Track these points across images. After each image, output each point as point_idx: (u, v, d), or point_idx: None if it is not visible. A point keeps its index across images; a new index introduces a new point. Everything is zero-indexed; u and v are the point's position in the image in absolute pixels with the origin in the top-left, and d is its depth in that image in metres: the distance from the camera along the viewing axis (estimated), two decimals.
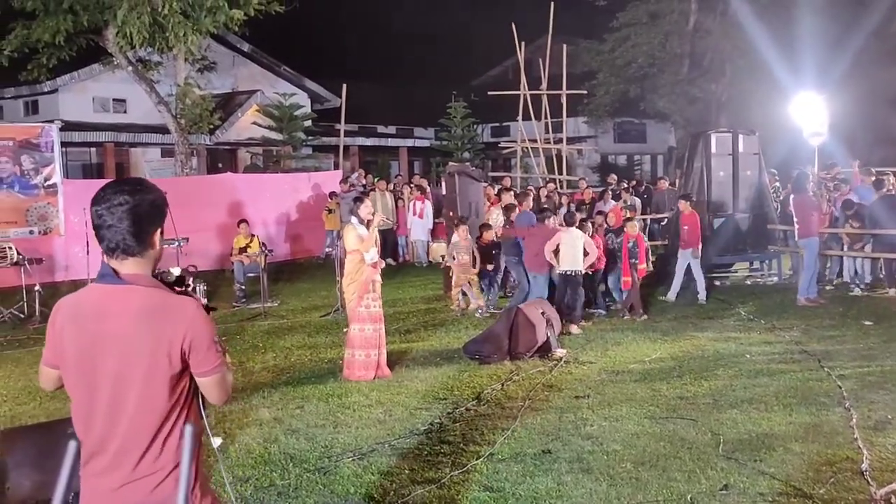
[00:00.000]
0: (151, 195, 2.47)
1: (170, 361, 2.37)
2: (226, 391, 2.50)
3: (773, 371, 7.59)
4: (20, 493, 4.55)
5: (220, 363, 2.45)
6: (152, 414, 2.39)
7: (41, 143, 13.57)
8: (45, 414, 6.86)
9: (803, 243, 11.09)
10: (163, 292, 2.45)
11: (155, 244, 2.49)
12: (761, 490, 4.80)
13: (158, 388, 2.38)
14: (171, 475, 2.40)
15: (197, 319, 2.42)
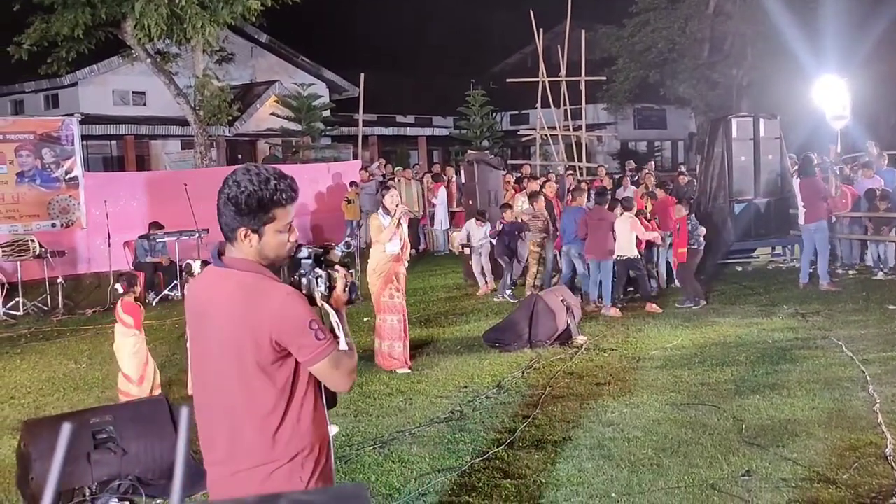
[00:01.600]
0: (231, 189, 2.32)
1: (258, 349, 2.29)
2: (342, 377, 2.38)
3: (796, 356, 7.52)
4: (44, 484, 4.60)
5: (320, 350, 2.32)
6: (254, 402, 2.33)
7: (62, 137, 13.67)
8: (68, 405, 6.94)
9: (813, 227, 10.95)
10: (256, 278, 2.36)
11: (239, 239, 2.38)
12: (784, 476, 4.77)
13: (254, 375, 2.31)
14: (285, 467, 2.33)
15: (283, 307, 2.31)
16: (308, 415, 2.39)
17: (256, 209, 2.32)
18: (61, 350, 9.18)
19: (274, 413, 2.34)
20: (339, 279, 2.52)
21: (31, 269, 11.72)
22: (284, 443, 2.35)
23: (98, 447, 4.74)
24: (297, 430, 2.37)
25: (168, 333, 9.81)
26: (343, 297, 2.52)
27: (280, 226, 2.37)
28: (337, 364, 2.34)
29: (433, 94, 32.82)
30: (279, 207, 2.35)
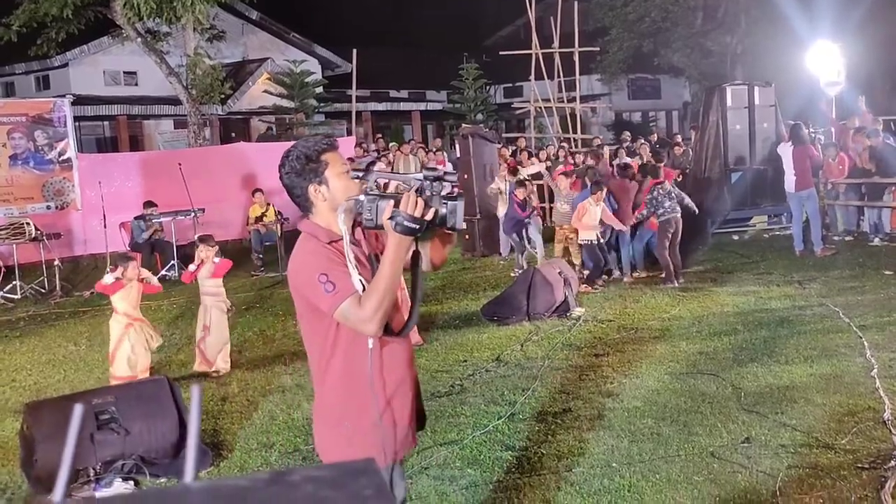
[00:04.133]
0: (284, 163, 2.51)
1: (299, 303, 2.52)
2: (358, 324, 2.38)
3: (794, 324, 7.56)
4: (48, 465, 4.63)
5: (330, 301, 2.38)
6: (311, 353, 2.58)
7: (54, 118, 13.59)
8: (69, 387, 6.97)
9: (805, 195, 10.96)
10: (302, 238, 2.54)
11: (314, 201, 2.51)
12: (783, 442, 4.81)
13: (305, 326, 2.58)
14: (331, 430, 2.54)
15: (298, 262, 2.51)
16: (341, 368, 2.50)
17: (308, 161, 2.48)
18: (60, 332, 9.19)
19: (322, 360, 2.53)
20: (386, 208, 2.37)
21: (27, 252, 11.70)
22: (326, 394, 2.54)
23: (101, 428, 4.77)
24: (335, 384, 2.51)
25: (166, 313, 9.83)
26: (388, 224, 2.37)
27: (337, 169, 2.50)
28: (347, 314, 2.38)
29: (426, 68, 32.59)
30: (327, 153, 2.50)
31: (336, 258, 2.43)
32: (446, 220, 2.39)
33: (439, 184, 2.38)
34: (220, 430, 5.67)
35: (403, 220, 2.32)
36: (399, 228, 2.33)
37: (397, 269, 2.38)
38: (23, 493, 4.74)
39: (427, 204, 2.34)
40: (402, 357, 2.58)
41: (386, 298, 2.36)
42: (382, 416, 2.49)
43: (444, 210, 2.37)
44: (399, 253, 2.37)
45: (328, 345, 2.49)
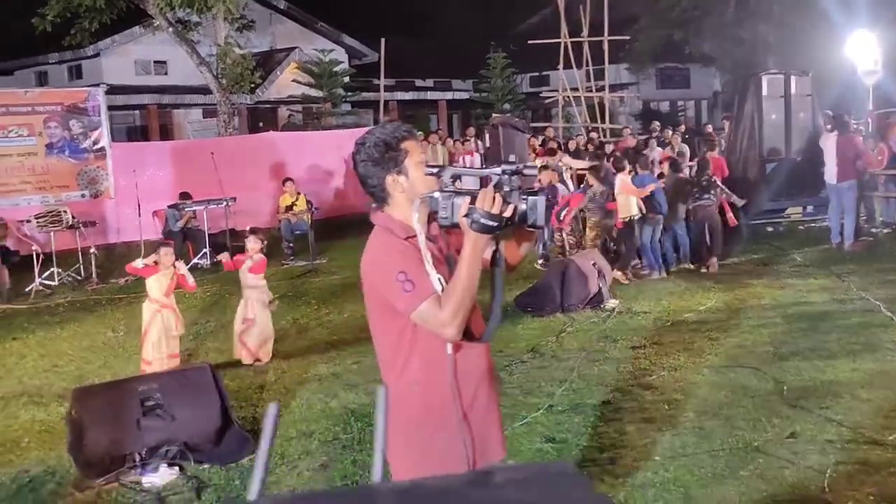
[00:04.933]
0: (360, 150, 2.39)
1: (370, 298, 2.41)
2: (437, 328, 2.26)
3: (834, 317, 7.47)
4: (96, 450, 4.70)
5: (407, 301, 2.26)
6: (383, 353, 2.46)
7: (88, 108, 13.72)
8: (110, 372, 7.05)
9: (846, 186, 10.79)
10: (377, 231, 2.42)
11: (391, 191, 2.38)
12: (829, 437, 4.76)
13: (377, 325, 2.45)
14: (400, 427, 2.32)
15: (374, 259, 2.38)
16: (419, 372, 2.37)
17: (388, 149, 2.35)
18: (98, 319, 9.29)
19: (393, 367, 2.41)
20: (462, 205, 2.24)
21: (63, 240, 11.83)
22: (401, 401, 2.35)
23: (147, 414, 4.82)
24: (412, 389, 2.37)
25: (199, 301, 9.89)
26: (464, 223, 2.23)
27: (417, 158, 2.38)
28: (426, 316, 2.25)
29: (452, 57, 32.46)
30: (406, 140, 2.38)
31: (414, 255, 2.29)
32: (527, 217, 2.24)
33: (518, 178, 2.23)
34: (259, 417, 5.71)
35: (480, 218, 2.17)
36: (476, 227, 2.19)
37: (475, 270, 2.24)
38: (70, 477, 4.80)
39: (505, 200, 2.20)
40: (482, 363, 2.45)
41: (465, 301, 2.23)
42: (462, 424, 2.36)
43: (523, 206, 2.22)
44: (476, 252, 2.22)
45: (404, 346, 2.36)
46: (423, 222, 2.31)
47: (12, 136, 12.87)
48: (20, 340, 8.40)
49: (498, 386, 2.59)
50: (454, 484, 0.57)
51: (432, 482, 0.60)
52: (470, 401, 2.38)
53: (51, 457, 5.15)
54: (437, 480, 0.60)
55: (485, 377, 2.45)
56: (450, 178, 2.32)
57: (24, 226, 11.97)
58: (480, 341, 2.40)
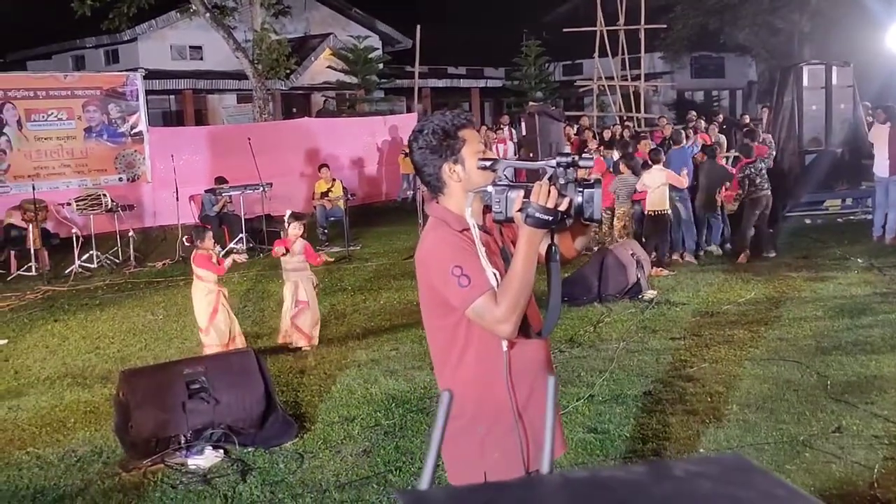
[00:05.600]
0: (417, 137, 2.34)
1: (425, 292, 2.36)
2: (492, 325, 2.19)
3: (877, 311, 7.37)
4: (143, 432, 4.77)
5: (462, 297, 2.21)
6: (436, 347, 2.41)
7: (126, 92, 13.89)
8: (152, 355, 7.14)
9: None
10: (432, 223, 2.36)
11: (446, 181, 2.33)
12: (876, 433, 4.70)
13: (431, 319, 2.39)
14: (457, 425, 2.27)
15: (429, 252, 2.32)
16: (475, 367, 2.32)
17: (446, 137, 2.30)
18: (137, 302, 9.42)
19: (447, 363, 2.36)
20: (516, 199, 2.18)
21: (102, 223, 11.99)
22: (462, 401, 2.28)
23: (192, 397, 4.88)
24: (467, 384, 2.32)
25: (237, 286, 9.97)
26: (518, 217, 2.17)
27: (474, 147, 2.32)
28: (481, 312, 2.19)
29: (484, 45, 32.33)
30: (464, 129, 2.32)
31: (470, 248, 2.24)
32: (583, 210, 2.16)
33: (574, 170, 2.15)
34: (301, 402, 5.76)
35: (535, 212, 2.11)
36: (531, 221, 2.12)
37: (531, 266, 2.17)
38: (117, 457, 4.88)
39: (560, 193, 2.13)
40: (539, 359, 2.39)
41: (521, 298, 2.16)
42: (518, 421, 2.30)
43: (579, 199, 2.14)
44: (532, 247, 2.16)
45: (459, 341, 2.31)
46: (477, 216, 2.27)
47: (52, 119, 13.08)
48: (61, 322, 8.54)
49: (556, 381, 2.56)
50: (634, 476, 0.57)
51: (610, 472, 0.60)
52: (526, 398, 2.33)
53: (97, 437, 5.24)
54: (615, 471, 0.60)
55: (542, 373, 2.40)
56: (504, 171, 2.26)
57: (64, 209, 12.16)
58: (539, 337, 2.35)
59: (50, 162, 13.10)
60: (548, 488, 0.59)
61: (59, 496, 4.44)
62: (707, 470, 0.57)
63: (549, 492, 0.57)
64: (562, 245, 2.37)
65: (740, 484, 0.53)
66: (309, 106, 25.51)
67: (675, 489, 0.53)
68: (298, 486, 4.43)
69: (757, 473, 0.56)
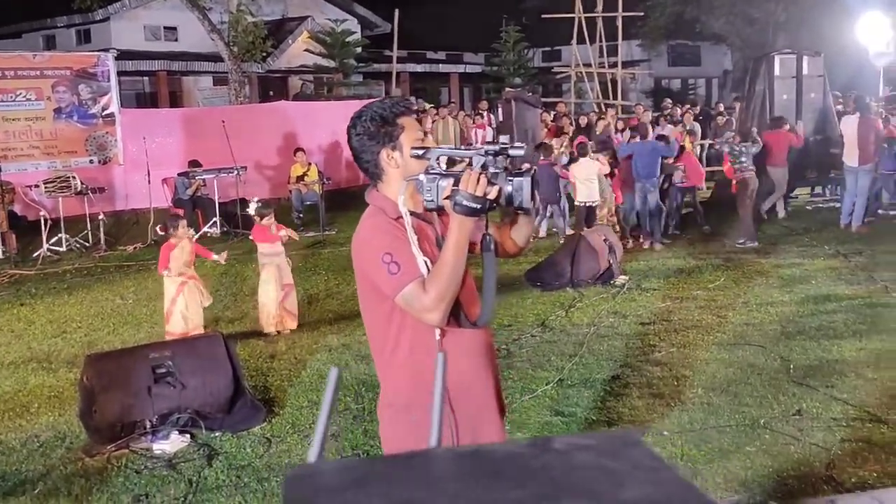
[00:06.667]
0: (356, 124, 2.33)
1: (361, 280, 2.36)
2: (421, 313, 2.20)
3: (841, 297, 7.48)
4: (107, 417, 4.74)
5: (392, 284, 2.21)
6: (373, 335, 2.41)
7: (98, 73, 13.69)
8: (119, 339, 7.09)
9: (867, 168, 10.73)
10: (369, 211, 2.36)
11: (384, 167, 2.33)
12: (835, 415, 4.78)
13: (366, 307, 2.38)
14: (389, 412, 2.35)
15: (362, 239, 2.32)
16: (409, 355, 2.32)
17: (384, 124, 2.31)
18: (106, 286, 9.34)
19: (384, 350, 2.36)
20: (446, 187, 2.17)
21: (71, 206, 11.86)
22: (390, 385, 2.36)
23: (158, 381, 4.85)
24: (402, 372, 2.33)
25: (210, 270, 9.90)
26: (448, 205, 2.18)
27: (413, 135, 2.32)
28: (409, 299, 2.19)
29: (464, 30, 32.24)
30: (403, 116, 2.33)
31: (403, 236, 2.23)
32: (512, 199, 2.16)
33: (504, 158, 2.15)
34: (270, 387, 5.76)
35: (463, 200, 2.10)
36: (459, 209, 2.12)
37: (461, 254, 2.17)
38: (81, 443, 4.85)
39: (490, 181, 2.13)
40: (477, 348, 2.37)
41: (450, 285, 2.16)
42: (454, 409, 2.29)
43: (508, 188, 2.14)
44: (462, 235, 2.16)
45: (392, 329, 2.31)
46: (409, 205, 2.27)
47: (20, 99, 12.87)
48: (28, 306, 8.45)
49: (496, 370, 2.52)
50: (516, 449, 0.58)
51: (493, 447, 0.61)
52: (460, 386, 2.29)
53: (60, 422, 5.20)
54: (498, 446, 0.61)
55: (480, 362, 2.39)
56: (436, 159, 2.25)
57: (32, 191, 11.99)
58: (475, 326, 2.33)
59: (18, 143, 12.90)
60: (429, 460, 0.60)
61: (21, 481, 4.41)
62: (591, 443, 0.59)
63: (429, 462, 0.58)
64: (503, 236, 2.40)
65: (616, 456, 0.55)
66: (286, 89, 25.32)
67: (551, 460, 0.55)
68: (265, 471, 4.43)
69: (637, 448, 0.58)
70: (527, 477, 0.53)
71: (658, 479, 0.51)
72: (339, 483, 0.53)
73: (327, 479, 0.56)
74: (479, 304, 2.37)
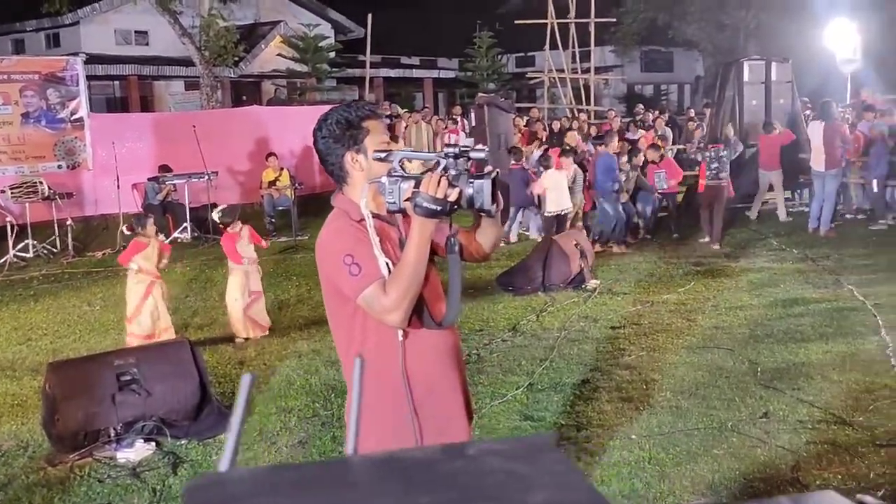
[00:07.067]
0: (322, 127, 2.35)
1: (324, 282, 2.37)
2: (381, 314, 2.21)
3: (808, 300, 7.56)
4: (70, 425, 4.66)
5: (352, 286, 2.22)
6: (338, 338, 2.42)
7: (66, 77, 13.51)
8: (85, 347, 6.99)
9: (834, 173, 10.87)
10: (333, 215, 2.37)
11: (349, 170, 2.34)
12: (801, 418, 4.82)
13: (331, 309, 2.39)
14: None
15: (324, 241, 2.34)
16: (373, 358, 2.28)
17: (349, 127, 2.33)
18: (74, 292, 9.21)
19: (349, 352, 2.37)
20: (407, 189, 2.19)
21: (39, 211, 11.68)
22: (350, 384, 2.37)
23: (122, 389, 4.79)
24: (366, 374, 2.34)
25: (180, 276, 9.83)
26: (409, 206, 2.19)
27: (378, 138, 2.34)
28: (370, 300, 2.20)
29: (438, 35, 32.29)
30: (368, 119, 2.35)
31: (365, 238, 2.24)
32: (473, 201, 2.17)
33: (465, 161, 2.16)
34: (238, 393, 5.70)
35: (423, 202, 2.12)
36: (419, 210, 2.13)
37: (422, 256, 2.19)
38: (43, 452, 4.77)
39: (451, 184, 2.14)
40: (442, 350, 2.38)
41: (411, 287, 2.18)
42: (418, 412, 2.31)
43: (469, 190, 2.15)
44: (423, 237, 2.18)
45: (356, 331, 2.32)
46: (377, 206, 2.30)
47: None
48: None
49: (463, 373, 2.51)
50: (430, 455, 0.57)
51: (407, 453, 0.60)
52: (425, 389, 2.32)
53: (23, 431, 5.11)
54: (413, 451, 0.60)
55: (445, 364, 2.39)
56: (398, 161, 2.26)
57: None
58: (440, 327, 2.34)
59: None
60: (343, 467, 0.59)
61: None
62: (503, 449, 0.58)
63: (343, 470, 0.57)
64: (466, 240, 2.42)
65: (527, 461, 0.54)
66: (260, 94, 25.19)
67: (462, 466, 0.54)
68: None
69: (548, 453, 0.57)
70: (437, 483, 0.52)
71: (565, 484, 0.50)
72: (246, 491, 0.52)
73: (234, 487, 0.54)
74: (444, 305, 2.39)
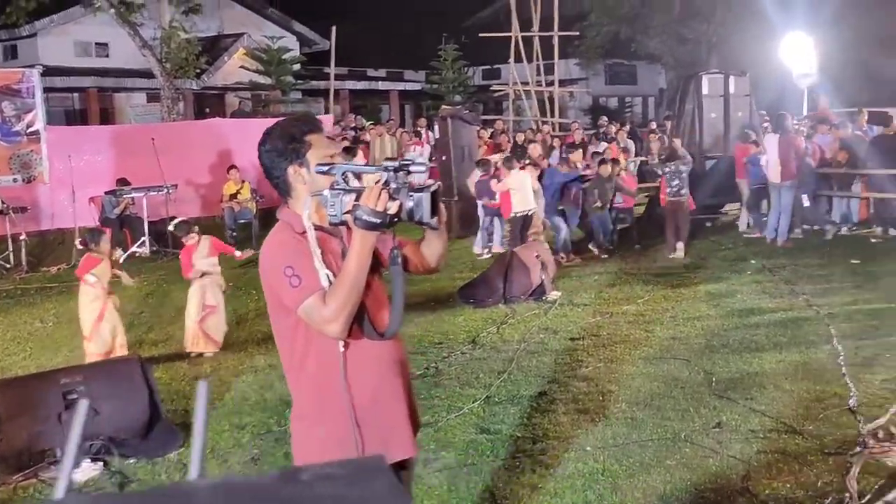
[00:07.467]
0: (265, 140, 2.38)
1: (268, 295, 2.38)
2: (321, 325, 2.23)
3: (764, 311, 7.66)
4: (14, 445, 4.56)
5: (293, 297, 2.25)
6: (282, 349, 2.43)
7: (22, 89, 13.28)
8: (35, 365, 6.84)
9: (788, 184, 11.04)
10: (277, 227, 2.40)
11: (293, 184, 2.36)
12: (753, 427, 4.87)
13: (274, 321, 2.40)
14: (301, 425, 2.42)
15: (266, 253, 2.37)
16: (315, 369, 2.35)
17: (292, 141, 2.36)
18: (26, 308, 9.04)
19: (293, 363, 2.39)
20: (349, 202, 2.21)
21: None
22: (302, 397, 2.40)
23: (69, 407, 4.68)
24: (309, 386, 2.38)
25: (136, 291, 9.67)
26: (349, 219, 2.21)
27: (321, 151, 2.37)
28: (310, 311, 2.23)
29: (404, 47, 32.34)
30: (311, 133, 2.38)
31: (306, 249, 2.27)
32: (413, 214, 2.20)
33: (405, 174, 2.20)
34: (192, 410, 5.61)
35: (363, 215, 2.15)
36: (360, 223, 2.17)
37: (363, 267, 2.22)
38: None
39: (392, 197, 2.18)
40: (386, 360, 2.41)
41: (350, 298, 2.21)
42: (360, 423, 2.32)
43: (410, 203, 2.19)
44: (363, 249, 2.21)
45: (299, 342, 2.34)
46: (319, 218, 2.32)
47: None
48: None
49: (408, 383, 2.52)
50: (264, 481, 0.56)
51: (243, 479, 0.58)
52: (369, 399, 2.35)
53: None
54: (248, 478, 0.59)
55: (389, 375, 2.41)
56: (341, 174, 2.28)
57: None
58: (382, 338, 2.36)
59: None
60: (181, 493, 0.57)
61: None
62: (337, 472, 0.57)
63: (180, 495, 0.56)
64: (412, 253, 2.46)
65: (357, 486, 0.53)
66: (223, 106, 24.99)
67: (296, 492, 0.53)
68: None
69: (379, 476, 0.56)
70: None
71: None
72: None
73: None
74: (387, 316, 2.41)
